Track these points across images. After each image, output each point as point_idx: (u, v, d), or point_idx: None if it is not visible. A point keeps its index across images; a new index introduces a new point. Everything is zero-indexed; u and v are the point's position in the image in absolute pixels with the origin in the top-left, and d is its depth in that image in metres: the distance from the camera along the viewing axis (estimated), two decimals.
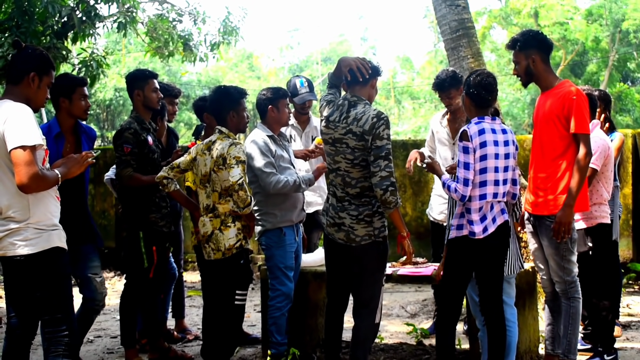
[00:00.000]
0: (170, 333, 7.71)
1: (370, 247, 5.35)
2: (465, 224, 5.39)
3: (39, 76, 4.77)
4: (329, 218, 5.48)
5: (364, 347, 5.41)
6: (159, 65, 33.52)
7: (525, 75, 5.90)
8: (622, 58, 34.38)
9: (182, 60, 12.64)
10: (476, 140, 5.34)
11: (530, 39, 5.85)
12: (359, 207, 5.32)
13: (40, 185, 4.52)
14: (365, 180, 5.30)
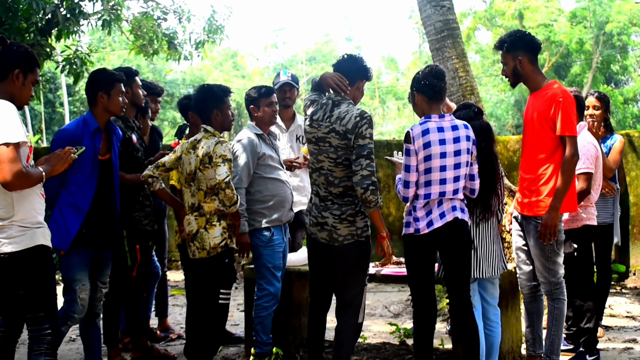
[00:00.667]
0: (153, 332, 7.69)
1: (353, 247, 5.35)
2: (411, 222, 5.41)
3: (24, 73, 4.73)
4: (312, 218, 5.48)
5: (346, 347, 5.41)
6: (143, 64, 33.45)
7: (513, 76, 5.92)
8: (605, 60, 34.49)
9: (167, 58, 12.60)
10: (419, 142, 5.32)
11: (517, 40, 5.86)
12: (342, 207, 5.32)
13: (24, 183, 4.50)
14: (348, 179, 5.30)
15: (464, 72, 8.88)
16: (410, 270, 5.50)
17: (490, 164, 5.72)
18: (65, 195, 5.60)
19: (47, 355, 4.73)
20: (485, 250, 5.73)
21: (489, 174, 5.70)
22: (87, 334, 5.90)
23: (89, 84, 5.91)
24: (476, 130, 5.64)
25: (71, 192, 5.61)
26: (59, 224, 5.57)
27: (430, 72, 5.48)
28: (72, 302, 5.64)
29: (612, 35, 33.58)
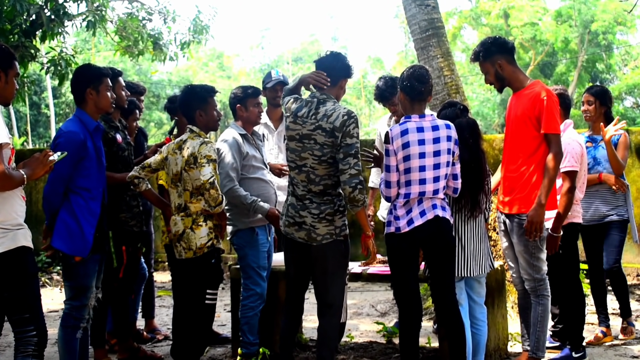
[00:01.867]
0: (139, 333, 7.67)
1: (332, 246, 5.34)
2: (392, 221, 5.43)
3: (4, 71, 4.70)
4: (289, 218, 5.44)
5: (329, 346, 5.40)
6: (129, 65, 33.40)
7: (497, 81, 5.98)
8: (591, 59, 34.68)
9: (152, 59, 12.58)
10: (397, 142, 5.33)
11: (490, 46, 5.93)
12: (321, 206, 5.31)
13: (6, 184, 4.48)
14: (329, 178, 5.30)
15: (449, 71, 8.89)
16: (394, 269, 5.51)
17: (478, 160, 5.73)
18: (76, 200, 5.45)
19: (34, 357, 4.72)
20: (473, 249, 5.74)
21: (476, 171, 5.72)
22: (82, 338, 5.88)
23: (76, 81, 5.76)
24: (463, 127, 5.66)
25: (82, 196, 5.47)
26: (73, 230, 5.43)
27: (412, 74, 5.49)
28: (84, 308, 5.56)
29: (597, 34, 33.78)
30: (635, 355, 6.75)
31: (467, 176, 5.64)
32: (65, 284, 5.64)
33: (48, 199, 5.41)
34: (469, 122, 5.81)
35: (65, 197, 5.44)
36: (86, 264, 5.49)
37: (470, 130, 5.75)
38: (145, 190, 6.14)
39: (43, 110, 34.04)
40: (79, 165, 5.41)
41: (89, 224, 5.46)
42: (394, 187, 5.38)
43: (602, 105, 7.20)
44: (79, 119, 5.65)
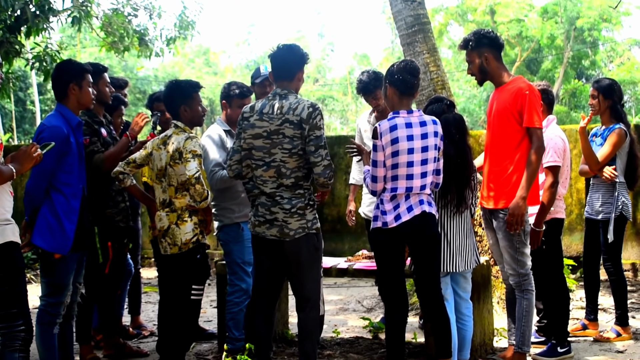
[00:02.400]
0: (125, 329, 7.67)
1: (305, 240, 5.32)
2: (379, 215, 5.44)
3: None
4: (258, 217, 5.39)
5: (311, 340, 5.39)
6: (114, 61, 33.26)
7: (480, 73, 6.01)
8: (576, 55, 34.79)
9: (138, 55, 12.56)
10: (386, 138, 5.34)
11: (481, 38, 5.96)
12: (292, 200, 5.29)
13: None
14: (299, 170, 5.29)
15: (435, 66, 8.89)
16: (380, 263, 5.52)
17: (464, 156, 5.75)
18: (57, 197, 5.41)
19: (21, 352, 4.71)
20: (459, 244, 5.75)
21: (462, 166, 5.73)
22: (61, 333, 5.85)
23: (58, 76, 5.73)
24: (449, 122, 5.69)
25: (63, 193, 5.44)
26: (54, 227, 5.40)
27: (404, 68, 5.49)
28: (60, 304, 5.53)
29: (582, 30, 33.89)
30: (619, 350, 6.78)
31: (454, 172, 5.66)
32: (42, 280, 5.60)
33: (31, 194, 5.38)
34: (455, 117, 5.83)
35: (46, 194, 5.42)
36: (66, 261, 5.47)
37: (456, 125, 5.77)
38: (130, 186, 6.12)
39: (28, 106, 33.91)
40: (61, 160, 5.38)
41: (70, 221, 5.44)
42: (380, 182, 5.40)
43: (607, 98, 7.16)
44: (61, 114, 5.63)
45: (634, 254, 10.90)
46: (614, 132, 7.05)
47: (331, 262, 6.63)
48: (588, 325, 7.36)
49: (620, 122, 7.09)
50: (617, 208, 7.06)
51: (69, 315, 5.76)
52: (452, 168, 5.66)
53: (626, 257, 10.88)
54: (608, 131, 7.11)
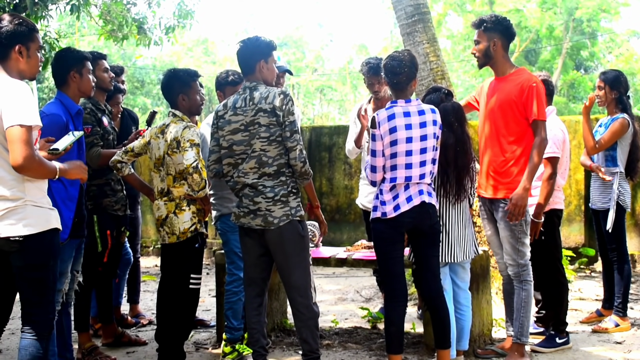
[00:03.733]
0: (124, 318, 7.67)
1: (289, 228, 5.30)
2: (378, 206, 5.44)
3: (25, 45, 4.57)
4: (243, 208, 5.38)
5: (308, 328, 5.37)
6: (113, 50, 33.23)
7: (484, 56, 5.98)
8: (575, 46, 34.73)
9: (137, 43, 12.49)
10: (385, 127, 5.35)
11: (497, 23, 5.94)
12: (275, 188, 5.27)
13: (36, 169, 4.32)
14: (281, 157, 5.28)
15: (434, 56, 8.88)
16: (380, 253, 5.52)
17: (463, 143, 5.74)
18: (55, 185, 5.31)
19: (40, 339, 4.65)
20: (458, 235, 5.76)
21: (462, 154, 5.72)
22: (58, 321, 5.83)
23: (58, 64, 5.74)
24: (448, 111, 5.69)
25: (61, 181, 5.30)
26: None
27: (386, 66, 5.56)
28: (58, 292, 5.50)
29: (581, 21, 33.81)
30: (618, 341, 6.79)
31: (453, 160, 5.65)
32: None
33: None
34: (454, 106, 5.82)
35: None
36: (64, 249, 5.44)
37: (455, 114, 5.76)
38: (128, 175, 6.11)
39: None
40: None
41: (68, 208, 5.41)
42: (379, 172, 5.39)
43: (613, 89, 7.19)
44: (61, 102, 5.63)
45: (633, 245, 10.89)
46: (616, 121, 7.07)
47: (330, 252, 6.62)
48: (603, 313, 7.46)
49: (625, 113, 7.10)
50: (613, 198, 7.07)
51: (66, 303, 5.75)
52: (451, 156, 5.65)
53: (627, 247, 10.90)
54: (611, 120, 7.13)
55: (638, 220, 10.91)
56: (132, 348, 6.85)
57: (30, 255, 4.48)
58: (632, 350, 6.51)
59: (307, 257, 5.46)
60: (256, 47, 5.48)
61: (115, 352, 6.64)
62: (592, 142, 7.10)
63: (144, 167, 11.57)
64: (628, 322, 7.23)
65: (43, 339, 4.58)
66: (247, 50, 5.48)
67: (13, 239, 4.41)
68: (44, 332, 4.58)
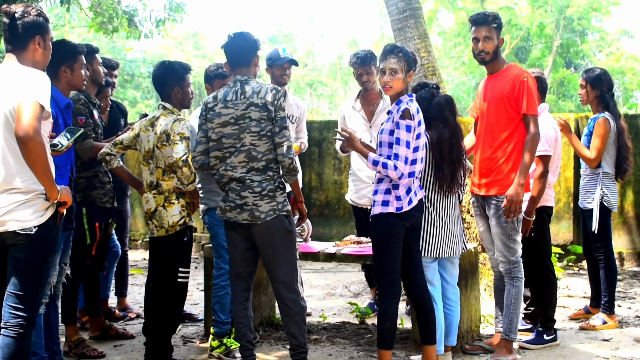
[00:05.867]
0: (111, 311, 7.65)
1: (276, 222, 5.29)
2: (391, 201, 5.37)
3: (42, 36, 4.61)
4: (229, 202, 5.36)
5: (296, 322, 5.36)
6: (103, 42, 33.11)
7: (494, 53, 5.98)
8: (565, 44, 34.80)
9: (127, 36, 12.45)
10: (417, 118, 5.36)
11: (502, 23, 6.00)
12: (262, 183, 5.27)
13: (38, 144, 4.22)
14: (270, 153, 5.28)
15: (426, 52, 8.88)
16: (385, 249, 5.42)
17: (457, 136, 5.74)
18: None
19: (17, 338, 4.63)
20: (447, 230, 5.74)
21: (457, 147, 5.72)
22: (46, 314, 5.79)
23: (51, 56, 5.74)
24: (442, 105, 5.68)
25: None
26: None
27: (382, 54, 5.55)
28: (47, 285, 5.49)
29: (572, 19, 33.89)
30: (605, 338, 6.80)
31: (448, 154, 5.65)
32: None
33: None
34: (447, 98, 5.81)
35: None
36: None
37: (447, 106, 5.75)
38: (117, 168, 6.08)
39: None
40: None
41: None
42: (408, 164, 5.33)
43: (595, 88, 7.20)
44: (51, 95, 5.58)
45: (621, 243, 10.92)
46: (597, 124, 7.11)
47: (319, 247, 6.61)
48: (591, 311, 7.51)
49: (607, 111, 7.12)
50: (596, 199, 7.11)
51: (54, 295, 5.71)
52: (446, 150, 5.64)
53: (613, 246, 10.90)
54: (592, 121, 7.16)
55: (627, 218, 10.94)
56: (119, 341, 6.83)
57: (33, 249, 4.48)
58: (620, 347, 6.52)
59: (294, 252, 5.45)
60: (253, 41, 5.51)
61: (102, 345, 6.62)
62: (588, 155, 7.12)
63: (132, 160, 11.54)
64: (615, 320, 7.24)
65: (25, 336, 4.55)
66: (245, 43, 5.48)
67: (22, 232, 4.40)
68: (28, 330, 4.57)
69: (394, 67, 5.42)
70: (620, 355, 6.27)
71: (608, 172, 7.15)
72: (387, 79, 5.42)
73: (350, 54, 7.58)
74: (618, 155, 7.15)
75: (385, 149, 5.38)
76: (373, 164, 5.37)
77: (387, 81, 5.42)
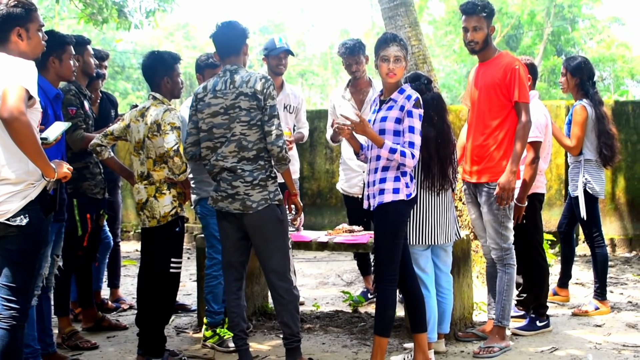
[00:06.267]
0: (104, 302, 7.64)
1: (268, 212, 5.30)
2: (401, 188, 5.35)
3: (24, 27, 4.56)
4: (220, 192, 5.37)
5: (289, 311, 5.36)
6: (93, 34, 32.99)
7: (484, 42, 5.98)
8: (556, 32, 34.79)
9: (117, 27, 12.43)
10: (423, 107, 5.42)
11: (493, 11, 5.98)
12: (254, 172, 5.27)
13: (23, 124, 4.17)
14: (260, 142, 5.28)
15: (416, 40, 8.84)
16: (395, 237, 5.37)
17: (444, 134, 5.72)
18: None
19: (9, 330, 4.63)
20: (440, 218, 5.74)
21: (444, 146, 5.70)
22: (38, 306, 5.78)
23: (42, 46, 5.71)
24: (429, 104, 5.65)
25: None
26: None
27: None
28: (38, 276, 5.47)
29: (562, 7, 33.87)
30: (598, 324, 6.82)
31: (436, 153, 5.64)
32: None
33: None
34: (433, 97, 5.77)
35: None
36: None
37: (435, 106, 5.72)
38: (108, 159, 6.06)
39: None
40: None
41: None
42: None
43: (575, 76, 7.24)
44: (39, 86, 5.52)
45: (612, 229, 10.96)
46: (574, 111, 7.20)
47: (311, 236, 6.61)
48: (558, 292, 7.71)
49: (584, 99, 7.16)
50: (580, 186, 7.15)
51: (46, 287, 5.70)
52: (433, 149, 5.63)
53: (605, 232, 10.91)
54: (572, 109, 7.21)
55: (618, 204, 10.96)
56: (112, 332, 6.83)
57: (25, 240, 4.46)
58: (612, 333, 6.55)
59: (286, 241, 5.44)
60: (241, 30, 5.50)
61: (95, 336, 6.62)
62: (569, 143, 7.19)
63: (123, 151, 11.52)
64: (608, 306, 7.27)
65: (18, 328, 4.54)
66: (233, 32, 5.48)
67: (13, 224, 4.39)
68: (20, 321, 4.55)
69: (398, 55, 5.40)
70: (612, 341, 6.29)
71: (590, 159, 7.18)
72: (393, 67, 5.39)
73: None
74: (602, 142, 7.16)
75: (390, 137, 5.35)
76: (390, 151, 5.28)
77: (392, 68, 5.39)
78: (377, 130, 5.39)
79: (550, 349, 6.07)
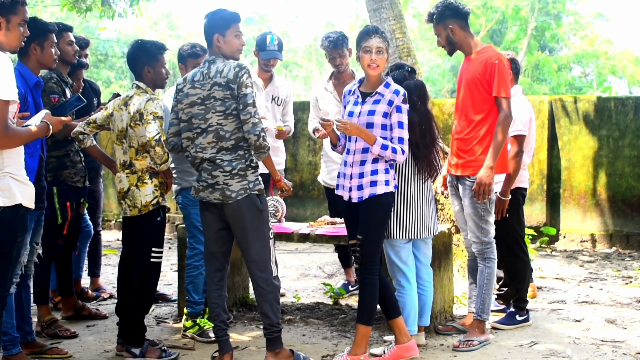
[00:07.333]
0: (84, 291, 7.62)
1: (247, 201, 5.29)
2: (390, 180, 5.41)
3: (5, 17, 4.56)
4: (201, 182, 5.36)
5: (269, 302, 5.35)
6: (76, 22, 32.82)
7: (448, 45, 6.07)
8: (540, 27, 34.88)
9: (101, 15, 12.36)
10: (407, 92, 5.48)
11: (444, 10, 6.00)
12: (233, 162, 5.26)
13: (8, 143, 4.29)
14: (238, 131, 5.26)
15: (400, 33, 8.86)
16: (383, 227, 5.49)
17: (428, 122, 5.75)
18: None
19: None
20: (422, 211, 5.75)
21: (428, 132, 5.73)
22: (17, 294, 5.75)
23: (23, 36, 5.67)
24: (411, 89, 5.68)
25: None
26: None
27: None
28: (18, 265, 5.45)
29: (547, 2, 33.94)
30: (577, 319, 6.85)
31: (421, 138, 5.66)
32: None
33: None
34: (416, 83, 5.82)
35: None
36: None
37: (418, 92, 5.76)
38: (90, 147, 6.05)
39: None
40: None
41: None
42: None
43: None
44: (20, 73, 5.48)
45: (593, 225, 11.01)
46: None
47: (293, 228, 6.60)
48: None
49: None
50: None
51: (26, 275, 5.67)
52: (416, 135, 5.65)
53: (585, 228, 11.02)
54: None
55: (599, 200, 11.01)
56: (92, 321, 6.82)
57: (1, 228, 4.43)
58: (591, 328, 6.58)
59: (266, 231, 5.43)
60: (212, 20, 5.46)
61: (75, 325, 6.61)
62: None
63: (105, 140, 11.47)
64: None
65: None
66: (206, 23, 5.47)
67: None
68: None
69: (380, 47, 5.42)
70: (591, 336, 6.32)
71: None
72: (375, 57, 5.40)
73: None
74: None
75: (378, 131, 5.38)
76: (382, 148, 5.32)
77: (374, 59, 5.41)
78: (364, 124, 5.39)
79: (530, 343, 6.09)
